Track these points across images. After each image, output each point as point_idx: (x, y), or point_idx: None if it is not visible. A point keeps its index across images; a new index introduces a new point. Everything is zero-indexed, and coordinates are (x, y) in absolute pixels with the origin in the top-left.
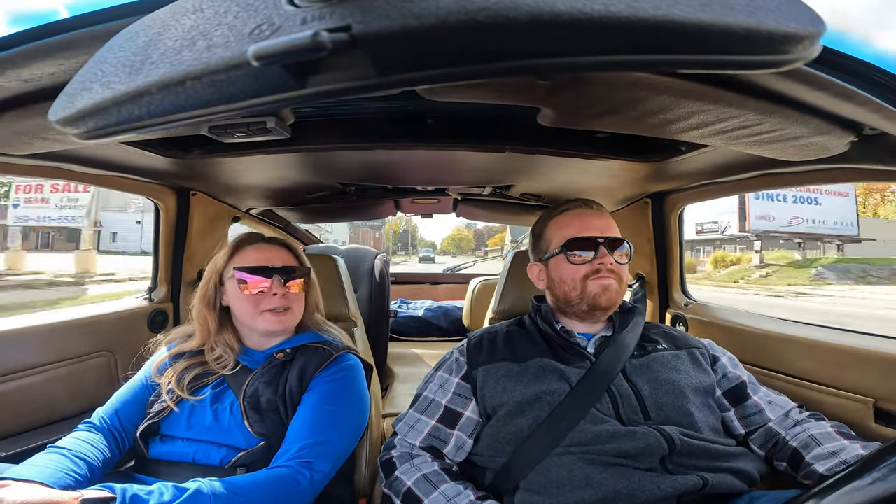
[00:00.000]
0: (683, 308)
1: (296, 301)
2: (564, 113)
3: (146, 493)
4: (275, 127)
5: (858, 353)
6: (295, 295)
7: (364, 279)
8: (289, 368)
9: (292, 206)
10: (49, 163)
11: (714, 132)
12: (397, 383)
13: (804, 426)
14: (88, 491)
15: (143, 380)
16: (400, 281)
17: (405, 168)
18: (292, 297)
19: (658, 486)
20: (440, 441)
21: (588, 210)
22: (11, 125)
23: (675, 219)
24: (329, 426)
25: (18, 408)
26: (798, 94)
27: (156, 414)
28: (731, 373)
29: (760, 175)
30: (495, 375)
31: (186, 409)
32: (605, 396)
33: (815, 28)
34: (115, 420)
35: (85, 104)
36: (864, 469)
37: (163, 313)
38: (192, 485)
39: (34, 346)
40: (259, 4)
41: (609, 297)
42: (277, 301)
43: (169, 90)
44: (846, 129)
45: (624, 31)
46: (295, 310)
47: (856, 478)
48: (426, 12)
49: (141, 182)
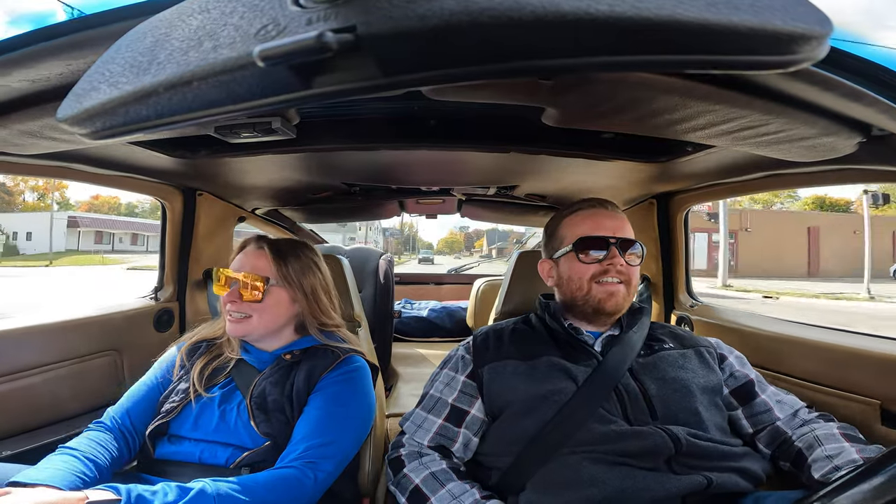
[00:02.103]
0: (689, 309)
1: (254, 309)
2: (569, 113)
3: (151, 494)
4: (280, 127)
5: (864, 354)
6: (249, 304)
7: (369, 279)
8: (296, 370)
9: (297, 206)
10: (56, 163)
11: (720, 133)
12: (401, 383)
13: (811, 426)
14: (94, 492)
15: (156, 378)
16: (404, 281)
17: (410, 168)
18: (245, 305)
19: (663, 486)
20: (448, 439)
21: (602, 210)
22: (19, 125)
23: (681, 220)
24: (334, 427)
25: (24, 406)
26: (805, 94)
27: (166, 413)
28: (738, 371)
29: (767, 176)
30: (502, 374)
31: (196, 409)
32: (612, 396)
33: (823, 28)
34: (127, 420)
35: (93, 104)
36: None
37: (169, 312)
38: (196, 484)
39: (40, 344)
40: (265, 5)
41: (615, 302)
42: (231, 307)
43: (176, 90)
44: (854, 129)
45: (629, 32)
46: (255, 319)
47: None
48: (430, 13)
49: (148, 182)
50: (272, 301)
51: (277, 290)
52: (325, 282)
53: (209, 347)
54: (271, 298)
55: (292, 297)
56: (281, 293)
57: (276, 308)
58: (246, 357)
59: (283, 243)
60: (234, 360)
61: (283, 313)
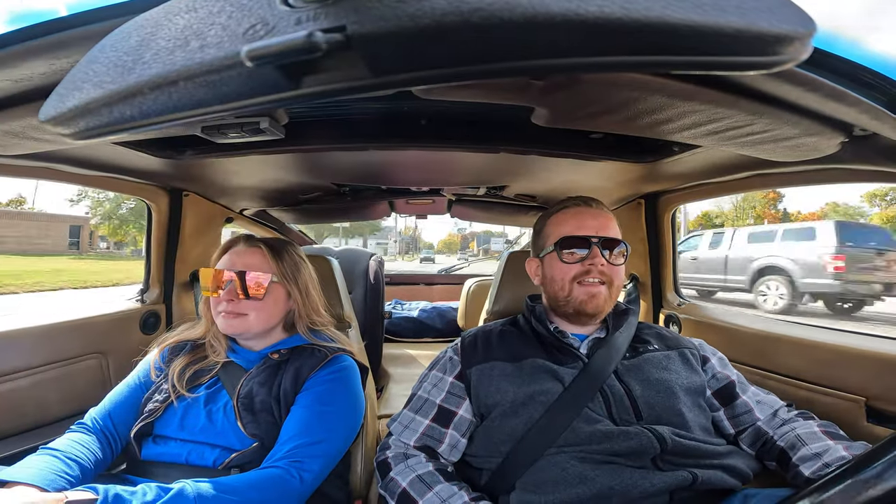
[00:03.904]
0: (677, 308)
1: (252, 307)
2: (558, 113)
3: (129, 494)
4: (269, 127)
5: (850, 352)
6: (248, 302)
7: (359, 280)
8: (284, 369)
9: (286, 206)
10: (40, 163)
11: (706, 133)
12: (392, 384)
13: (791, 425)
14: (73, 492)
15: (138, 378)
16: (395, 282)
17: (399, 168)
18: (244, 304)
19: (651, 482)
20: (435, 440)
21: (586, 209)
22: (1, 125)
23: (669, 219)
24: (321, 426)
25: (9, 410)
26: (789, 94)
27: (149, 414)
28: (719, 373)
29: (753, 175)
30: (489, 375)
31: (180, 409)
32: (597, 396)
33: (806, 29)
34: (108, 421)
35: (76, 104)
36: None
37: (155, 315)
38: (177, 485)
39: (26, 347)
40: (253, 4)
41: (595, 304)
42: (224, 306)
43: (161, 90)
44: (837, 129)
45: (617, 33)
46: (252, 317)
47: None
48: (421, 13)
49: (133, 183)
50: (272, 298)
51: (277, 288)
52: (312, 278)
53: (192, 349)
54: (271, 296)
55: (289, 295)
56: (280, 290)
57: (274, 306)
58: (233, 357)
59: (275, 241)
60: (220, 363)
61: (279, 311)
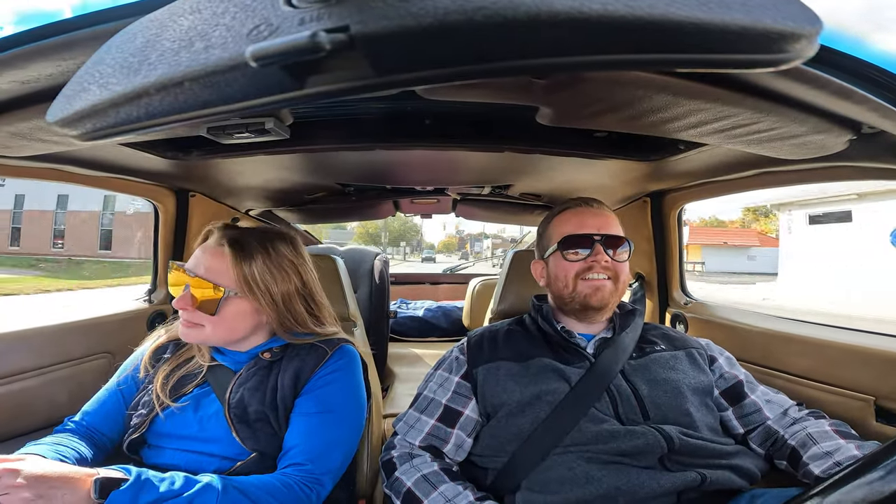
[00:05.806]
0: (683, 307)
1: (207, 320)
2: (563, 112)
3: (158, 480)
4: (273, 128)
5: (859, 351)
6: (199, 313)
7: (364, 279)
8: (278, 370)
9: (291, 206)
10: (47, 164)
11: (712, 131)
12: (398, 383)
13: (802, 424)
14: (104, 470)
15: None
16: (400, 281)
17: (404, 168)
18: (198, 314)
19: (658, 483)
20: (440, 440)
21: (587, 208)
22: (9, 127)
23: (675, 218)
24: (328, 435)
25: (19, 409)
26: (796, 92)
27: (136, 428)
28: (727, 372)
29: (759, 174)
30: (496, 375)
31: (167, 420)
32: (604, 396)
33: (813, 26)
34: (84, 420)
35: (83, 105)
36: (866, 468)
37: (162, 315)
38: (204, 478)
39: (35, 348)
40: (257, 5)
41: (600, 297)
42: (181, 312)
43: (167, 91)
44: (844, 127)
45: (622, 31)
46: (208, 329)
47: (857, 477)
48: (424, 12)
49: (139, 183)
50: (229, 313)
51: (236, 301)
52: (304, 285)
53: (176, 350)
54: (228, 310)
55: (255, 308)
56: (241, 304)
57: (233, 320)
58: (220, 359)
59: (251, 237)
60: (206, 367)
61: (244, 324)
